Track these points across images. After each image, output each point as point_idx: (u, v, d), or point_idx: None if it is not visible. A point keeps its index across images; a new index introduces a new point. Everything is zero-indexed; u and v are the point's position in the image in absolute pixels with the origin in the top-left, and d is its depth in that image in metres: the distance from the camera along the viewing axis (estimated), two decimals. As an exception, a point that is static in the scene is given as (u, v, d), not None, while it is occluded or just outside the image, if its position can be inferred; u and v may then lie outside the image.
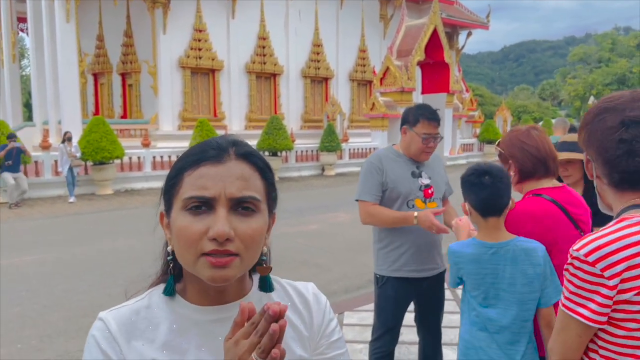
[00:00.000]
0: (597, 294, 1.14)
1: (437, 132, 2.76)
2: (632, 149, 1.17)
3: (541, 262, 1.90)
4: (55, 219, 10.28)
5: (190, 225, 0.81)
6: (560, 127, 6.95)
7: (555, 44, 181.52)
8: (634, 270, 1.11)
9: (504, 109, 28.44)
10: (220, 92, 21.08)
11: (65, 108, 17.12)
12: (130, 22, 20.51)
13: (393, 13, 26.14)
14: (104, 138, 13.33)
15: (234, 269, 0.82)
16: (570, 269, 1.19)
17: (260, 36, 21.90)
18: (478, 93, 49.82)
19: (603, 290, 1.13)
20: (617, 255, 1.12)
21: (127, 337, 0.84)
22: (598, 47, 53.28)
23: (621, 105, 1.21)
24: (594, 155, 1.26)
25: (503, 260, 1.90)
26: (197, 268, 0.82)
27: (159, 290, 0.91)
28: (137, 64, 20.41)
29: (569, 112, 54.27)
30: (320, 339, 0.96)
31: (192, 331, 0.87)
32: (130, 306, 0.88)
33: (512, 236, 1.94)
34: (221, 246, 0.80)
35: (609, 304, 1.13)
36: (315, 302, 0.98)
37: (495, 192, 1.92)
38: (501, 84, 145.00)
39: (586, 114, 1.30)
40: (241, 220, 0.82)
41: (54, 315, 4.90)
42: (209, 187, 0.82)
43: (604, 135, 1.21)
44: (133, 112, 20.90)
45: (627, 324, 1.13)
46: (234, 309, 0.86)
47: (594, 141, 1.24)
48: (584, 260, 1.15)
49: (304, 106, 23.80)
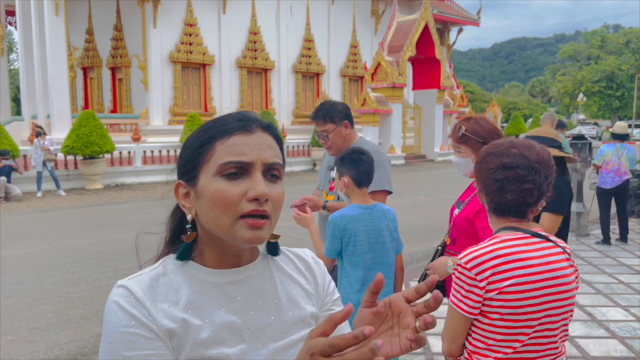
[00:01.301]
0: (473, 293, 1.51)
1: (322, 129, 2.83)
2: (503, 187, 1.55)
3: (395, 219, 2.53)
4: (44, 213, 10.22)
5: (228, 189, 0.86)
6: (548, 121, 7.00)
7: (545, 41, 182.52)
8: (497, 276, 1.49)
9: (495, 105, 28.61)
10: (211, 87, 20.99)
11: (54, 102, 16.97)
12: (120, 16, 20.34)
13: (385, 9, 26.16)
14: (93, 132, 13.25)
15: (267, 230, 0.88)
16: (456, 273, 1.56)
17: (251, 31, 21.83)
18: (469, 89, 50.04)
19: (476, 290, 1.51)
20: (486, 264, 1.50)
21: (153, 301, 0.86)
22: (587, 44, 53.60)
23: (500, 151, 1.58)
24: (481, 187, 1.64)
25: (377, 217, 2.44)
26: (235, 230, 0.86)
27: (170, 258, 0.94)
28: (127, 58, 20.26)
29: (558, 108, 54.69)
30: (325, 297, 1.03)
31: (212, 292, 0.90)
32: (148, 274, 0.90)
33: (375, 202, 2.50)
34: (260, 206, 0.85)
35: (480, 300, 1.51)
36: (315, 264, 1.05)
37: (370, 167, 2.45)
38: (492, 81, 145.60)
39: (478, 156, 1.67)
40: (271, 186, 0.88)
41: (43, 307, 4.89)
42: (246, 153, 0.87)
43: (486, 174, 1.60)
44: (123, 107, 20.77)
45: (491, 315, 1.52)
46: (247, 271, 0.94)
47: (480, 178, 1.63)
48: (464, 267, 1.52)
49: (295, 101, 23.77)
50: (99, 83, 21.58)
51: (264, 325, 0.91)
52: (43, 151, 12.14)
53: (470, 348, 1.59)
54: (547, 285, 1.51)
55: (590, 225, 8.23)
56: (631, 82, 47.02)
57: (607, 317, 4.57)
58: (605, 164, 7.20)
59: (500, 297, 1.48)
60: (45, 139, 12.41)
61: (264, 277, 0.96)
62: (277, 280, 0.97)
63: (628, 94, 47.62)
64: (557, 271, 1.52)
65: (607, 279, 5.68)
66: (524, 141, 1.61)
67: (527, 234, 1.56)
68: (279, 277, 0.98)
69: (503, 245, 1.52)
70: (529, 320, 1.50)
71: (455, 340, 1.60)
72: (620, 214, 7.35)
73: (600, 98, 48.78)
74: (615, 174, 7.14)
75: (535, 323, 1.51)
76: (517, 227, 1.58)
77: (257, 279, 0.95)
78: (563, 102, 52.90)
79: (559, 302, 1.53)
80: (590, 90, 47.21)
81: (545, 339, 1.54)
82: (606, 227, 7.24)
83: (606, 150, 7.28)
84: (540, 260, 1.52)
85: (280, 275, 0.99)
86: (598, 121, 49.59)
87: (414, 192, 12.66)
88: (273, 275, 0.97)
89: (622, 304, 4.89)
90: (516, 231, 1.57)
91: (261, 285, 0.94)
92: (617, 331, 4.25)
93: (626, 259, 6.48)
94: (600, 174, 7.33)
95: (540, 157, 1.56)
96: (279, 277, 0.98)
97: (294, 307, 0.95)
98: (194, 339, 0.85)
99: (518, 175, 1.54)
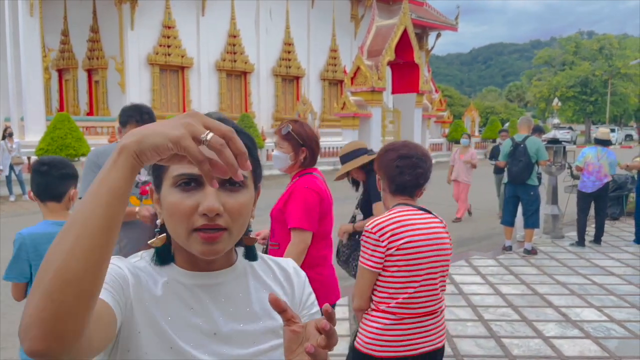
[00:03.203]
0: (377, 252, 2.03)
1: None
2: (402, 171, 2.10)
3: None
4: (17, 217, 9.98)
5: (180, 202, 0.84)
6: (525, 125, 7.08)
7: (522, 47, 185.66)
8: (395, 237, 2.01)
9: (472, 109, 28.96)
10: (189, 90, 20.81)
11: (28, 104, 16.63)
12: (96, 17, 20.04)
13: (364, 13, 26.29)
14: (69, 135, 13.04)
15: (224, 243, 0.86)
16: (364, 237, 2.07)
17: (230, 34, 21.72)
18: (447, 94, 50.58)
19: (379, 249, 2.02)
20: (387, 228, 2.02)
21: (137, 281, 0.87)
22: (562, 50, 54.57)
23: (396, 148, 2.16)
24: (383, 175, 2.17)
25: None
26: (189, 243, 0.85)
27: (149, 254, 0.94)
28: (103, 60, 19.97)
29: (534, 113, 55.54)
30: (302, 310, 1.01)
31: (183, 292, 0.90)
32: (133, 263, 0.91)
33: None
34: (211, 221, 0.83)
35: (383, 256, 2.03)
36: (296, 275, 1.04)
37: (47, 181, 2.16)
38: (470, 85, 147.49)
39: (379, 153, 2.24)
40: (229, 196, 0.85)
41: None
42: None
43: (387, 163, 2.14)
44: (100, 109, 20.45)
45: (390, 268, 2.04)
46: (221, 277, 0.93)
47: (382, 167, 2.16)
48: (370, 232, 2.04)
49: (274, 105, 23.70)
50: (75, 85, 21.21)
51: (232, 332, 0.90)
52: (10, 154, 11.82)
53: (375, 299, 2.09)
54: (430, 244, 2.05)
55: (565, 228, 8.37)
56: (604, 88, 48.07)
57: (581, 318, 4.64)
58: (586, 165, 7.32)
59: (397, 252, 2.01)
60: (13, 141, 12.11)
61: (238, 284, 0.95)
62: (252, 289, 0.96)
63: (602, 99, 48.65)
64: (437, 234, 2.08)
65: (581, 280, 5.78)
66: (409, 142, 2.22)
67: (415, 208, 2.11)
68: (254, 285, 0.97)
69: (399, 215, 2.06)
70: (418, 270, 2.03)
71: (364, 295, 2.09)
72: (599, 217, 7.48)
73: (574, 103, 49.72)
74: (596, 177, 7.24)
75: (422, 273, 2.04)
76: (408, 203, 2.13)
77: (231, 285, 0.94)
78: (539, 107, 53.78)
79: (438, 258, 2.08)
80: (565, 95, 48.06)
81: (429, 287, 2.07)
82: (583, 229, 7.36)
83: (587, 152, 7.40)
84: (425, 226, 2.07)
85: (257, 283, 0.97)
86: (573, 125, 50.59)
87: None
88: (248, 283, 0.96)
89: (596, 305, 4.98)
90: (407, 206, 2.11)
91: (234, 292, 0.93)
92: (591, 331, 4.32)
93: (600, 261, 6.60)
94: (581, 177, 7.45)
95: (424, 152, 2.17)
96: (254, 286, 0.97)
97: (266, 317, 0.94)
98: (154, 328, 0.86)
99: (413, 162, 2.10)
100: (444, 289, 2.15)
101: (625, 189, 9.40)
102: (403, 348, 2.05)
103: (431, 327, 2.09)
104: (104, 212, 0.65)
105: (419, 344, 2.06)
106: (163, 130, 0.66)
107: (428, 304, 2.07)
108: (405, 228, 2.01)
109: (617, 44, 50.63)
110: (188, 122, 0.67)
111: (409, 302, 2.03)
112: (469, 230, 8.94)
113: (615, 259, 6.70)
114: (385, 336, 2.04)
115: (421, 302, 2.05)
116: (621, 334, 4.28)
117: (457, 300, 5.11)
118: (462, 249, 7.46)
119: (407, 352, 2.05)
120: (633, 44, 51.08)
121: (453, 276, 5.87)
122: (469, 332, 4.31)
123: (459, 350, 3.94)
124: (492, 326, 4.44)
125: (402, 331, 2.05)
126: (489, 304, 5.00)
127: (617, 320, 4.58)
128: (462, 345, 4.05)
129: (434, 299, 2.09)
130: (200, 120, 0.68)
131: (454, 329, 4.36)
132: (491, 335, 4.24)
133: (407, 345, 2.05)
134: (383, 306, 2.05)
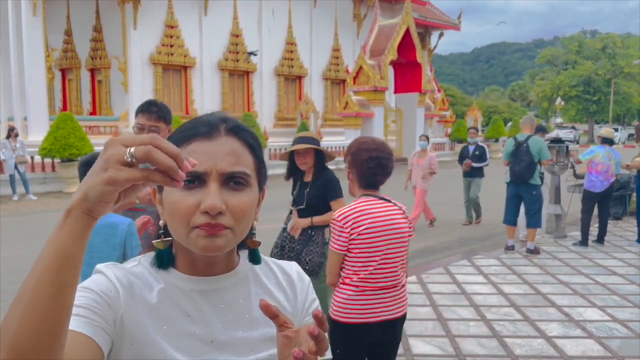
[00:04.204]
0: (342, 236, 2.41)
1: (154, 124, 2.67)
2: (374, 172, 2.46)
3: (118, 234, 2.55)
4: (20, 216, 10.02)
5: (182, 200, 0.83)
6: (528, 124, 7.06)
7: (525, 47, 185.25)
8: (357, 224, 2.39)
9: (475, 109, 28.89)
10: (192, 89, 20.84)
11: (32, 104, 16.67)
12: (99, 16, 20.08)
13: (366, 13, 26.28)
14: (71, 134, 13.04)
15: (225, 239, 0.83)
16: (332, 225, 2.46)
17: (233, 33, 21.73)
18: (450, 93, 50.49)
19: (344, 235, 2.40)
20: (350, 217, 2.41)
21: (129, 291, 0.86)
22: (565, 49, 54.43)
23: (368, 147, 2.49)
24: (354, 171, 2.51)
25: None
26: (190, 239, 0.83)
27: (148, 257, 0.92)
28: (106, 59, 20.01)
29: (537, 112, 55.46)
30: (304, 317, 0.99)
31: (180, 299, 0.88)
32: (128, 269, 0.89)
33: None
34: (213, 219, 0.81)
35: (347, 241, 2.41)
36: (299, 280, 1.01)
37: None
38: (472, 85, 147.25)
39: (350, 150, 2.54)
40: (232, 195, 0.84)
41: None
42: (201, 162, 0.83)
43: (360, 162, 2.48)
44: (103, 109, 20.49)
45: (353, 250, 2.42)
46: (221, 282, 0.91)
47: (354, 164, 2.50)
48: (337, 220, 2.43)
49: (277, 104, 23.72)
50: (78, 85, 21.26)
51: (230, 339, 0.89)
52: (14, 153, 11.84)
53: (343, 275, 2.46)
54: (387, 229, 2.42)
55: (568, 227, 8.35)
56: (607, 87, 47.95)
57: (584, 318, 4.63)
58: (595, 164, 7.26)
59: (359, 237, 2.39)
60: (17, 140, 12.14)
61: (238, 289, 0.93)
62: (253, 295, 0.94)
63: (605, 98, 48.53)
64: (394, 221, 2.44)
65: (583, 280, 5.77)
66: (375, 140, 2.56)
67: (376, 198, 2.49)
68: (255, 291, 0.94)
69: (361, 205, 2.44)
70: (377, 251, 2.40)
71: (333, 272, 2.47)
72: (603, 216, 7.45)
73: (577, 102, 49.62)
74: (605, 176, 7.21)
75: (381, 254, 2.41)
76: (371, 194, 2.51)
77: (231, 291, 0.92)
78: (542, 106, 53.67)
79: (395, 241, 2.44)
80: (568, 94, 47.97)
81: (388, 266, 2.43)
82: (587, 229, 7.33)
83: (597, 150, 7.32)
84: (384, 214, 2.43)
85: (258, 289, 0.95)
86: (576, 125, 50.48)
87: (392, 195, 12.70)
88: (250, 289, 0.94)
89: (599, 305, 4.97)
90: (371, 197, 2.49)
91: (234, 298, 0.91)
92: (593, 331, 4.32)
93: (602, 260, 6.59)
94: (588, 176, 7.40)
95: (390, 150, 2.56)
96: (255, 292, 0.94)
97: (266, 324, 0.89)
98: (147, 339, 0.84)
99: (382, 163, 2.47)
100: (405, 268, 2.54)
101: (629, 188, 9.38)
102: (366, 315, 2.42)
103: (390, 298, 2.45)
104: (54, 279, 0.62)
105: (380, 312, 2.43)
106: (95, 179, 0.63)
107: (387, 279, 2.43)
108: (365, 216, 2.40)
109: (620, 43, 50.51)
110: (107, 155, 0.63)
111: (370, 277, 2.41)
112: (472, 230, 8.93)
113: (618, 258, 6.69)
114: (351, 306, 2.42)
115: (380, 277, 2.42)
116: (624, 334, 4.27)
117: (460, 299, 5.11)
118: (465, 248, 7.45)
119: (369, 319, 2.42)
120: (636, 43, 50.88)
121: (456, 275, 5.87)
122: (471, 332, 4.31)
123: (462, 350, 3.94)
124: (495, 326, 4.43)
125: (365, 301, 2.41)
126: (491, 304, 5.00)
127: (620, 320, 4.57)
128: (465, 344, 4.05)
129: (393, 274, 2.45)
130: (117, 144, 0.64)
131: (457, 328, 4.36)
132: (494, 335, 4.24)
133: (370, 313, 2.42)
134: (348, 280, 2.43)
